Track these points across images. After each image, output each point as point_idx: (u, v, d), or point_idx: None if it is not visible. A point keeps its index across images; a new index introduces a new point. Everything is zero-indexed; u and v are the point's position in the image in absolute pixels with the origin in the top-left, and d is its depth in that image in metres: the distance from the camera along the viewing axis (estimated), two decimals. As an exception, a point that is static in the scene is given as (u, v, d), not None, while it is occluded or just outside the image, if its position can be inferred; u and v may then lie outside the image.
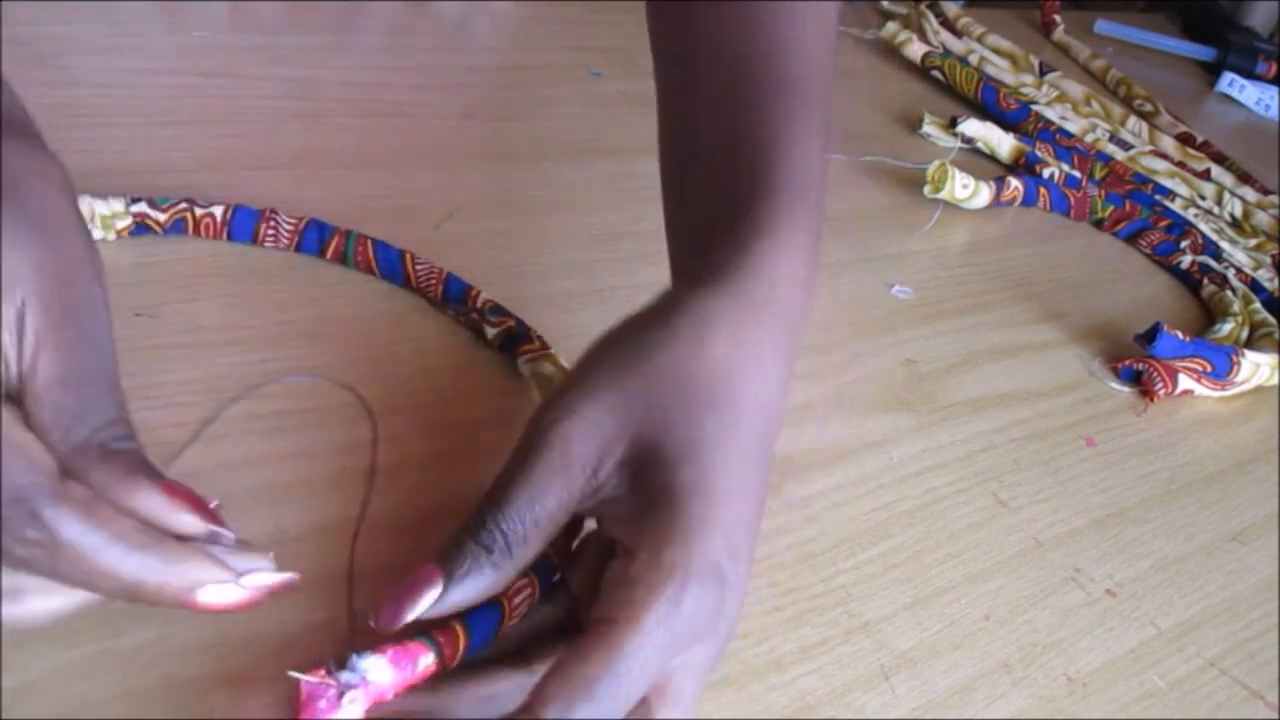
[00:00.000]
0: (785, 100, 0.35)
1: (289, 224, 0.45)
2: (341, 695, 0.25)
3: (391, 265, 0.45)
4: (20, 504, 0.23)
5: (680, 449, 0.28)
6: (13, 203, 0.26)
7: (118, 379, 0.27)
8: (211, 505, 0.27)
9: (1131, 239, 0.71)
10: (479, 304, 0.44)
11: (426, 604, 0.27)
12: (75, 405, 0.26)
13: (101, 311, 0.27)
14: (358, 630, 0.31)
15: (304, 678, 0.25)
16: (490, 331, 0.43)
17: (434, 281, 0.45)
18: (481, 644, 0.29)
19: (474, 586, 0.28)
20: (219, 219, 0.44)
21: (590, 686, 0.25)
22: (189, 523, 0.26)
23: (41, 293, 0.26)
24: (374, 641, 0.27)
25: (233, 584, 0.26)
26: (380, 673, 0.26)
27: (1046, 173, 0.73)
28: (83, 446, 0.26)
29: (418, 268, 0.45)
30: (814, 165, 0.35)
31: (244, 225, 0.45)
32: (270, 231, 0.45)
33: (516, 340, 0.43)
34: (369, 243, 0.45)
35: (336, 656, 0.26)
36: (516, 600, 0.29)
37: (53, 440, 0.25)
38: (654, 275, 0.52)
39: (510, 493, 0.28)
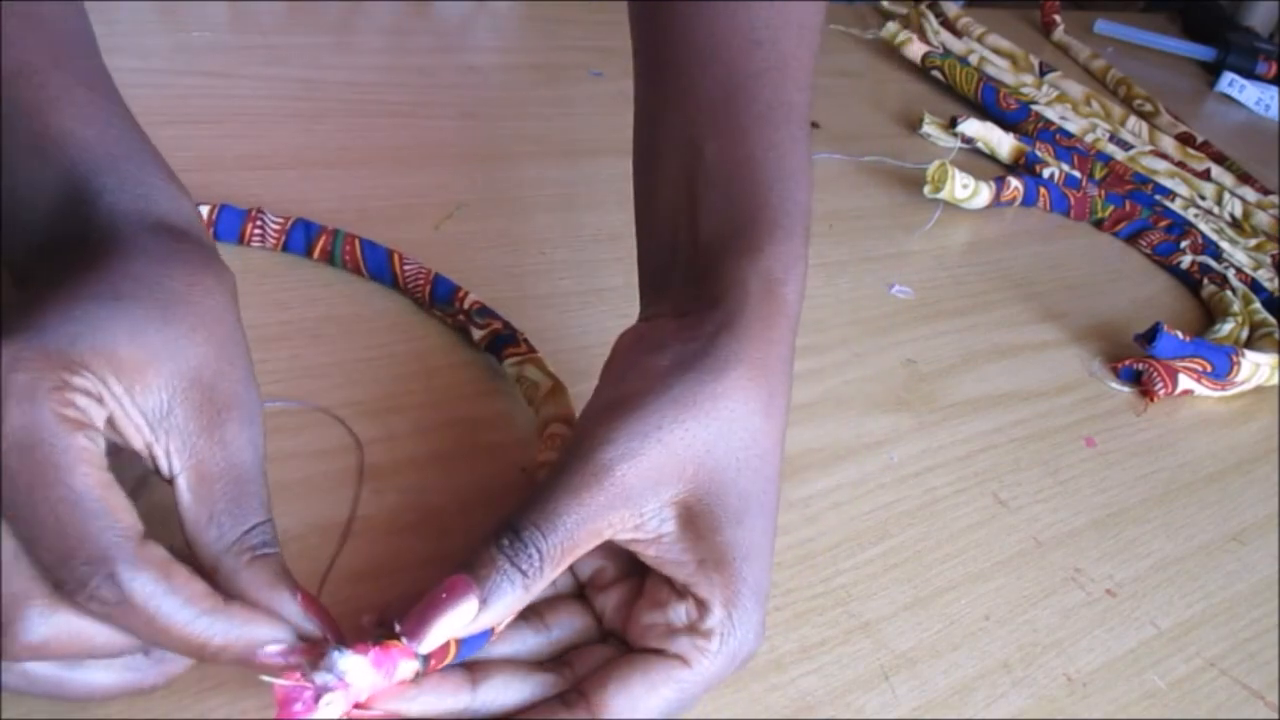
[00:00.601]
0: (783, 116, 0.35)
1: (275, 224, 0.45)
2: (318, 697, 0.25)
3: (379, 265, 0.45)
4: (100, 564, 0.24)
5: (737, 508, 0.30)
6: (182, 303, 0.27)
7: (266, 481, 0.28)
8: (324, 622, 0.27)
9: (1131, 239, 0.71)
10: (466, 305, 0.44)
11: (462, 624, 0.27)
12: (229, 503, 0.27)
13: (258, 415, 0.28)
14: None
15: (278, 681, 0.25)
16: (476, 334, 0.43)
17: (422, 282, 0.45)
18: (467, 657, 0.28)
19: (504, 608, 0.27)
20: (204, 218, 0.44)
21: (651, 714, 0.28)
22: (312, 632, 0.27)
23: (200, 385, 0.27)
24: (356, 638, 0.27)
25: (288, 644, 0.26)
26: (360, 675, 0.26)
27: (1046, 173, 0.73)
28: (235, 547, 0.26)
29: (406, 268, 0.45)
30: (807, 184, 0.35)
31: (230, 225, 0.45)
32: (257, 231, 0.45)
33: (503, 343, 0.42)
34: (356, 242, 0.45)
35: (316, 654, 0.26)
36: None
37: (208, 539, 0.26)
38: (654, 275, 0.52)
39: (554, 514, 0.28)
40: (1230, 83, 1.05)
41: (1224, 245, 0.71)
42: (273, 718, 0.25)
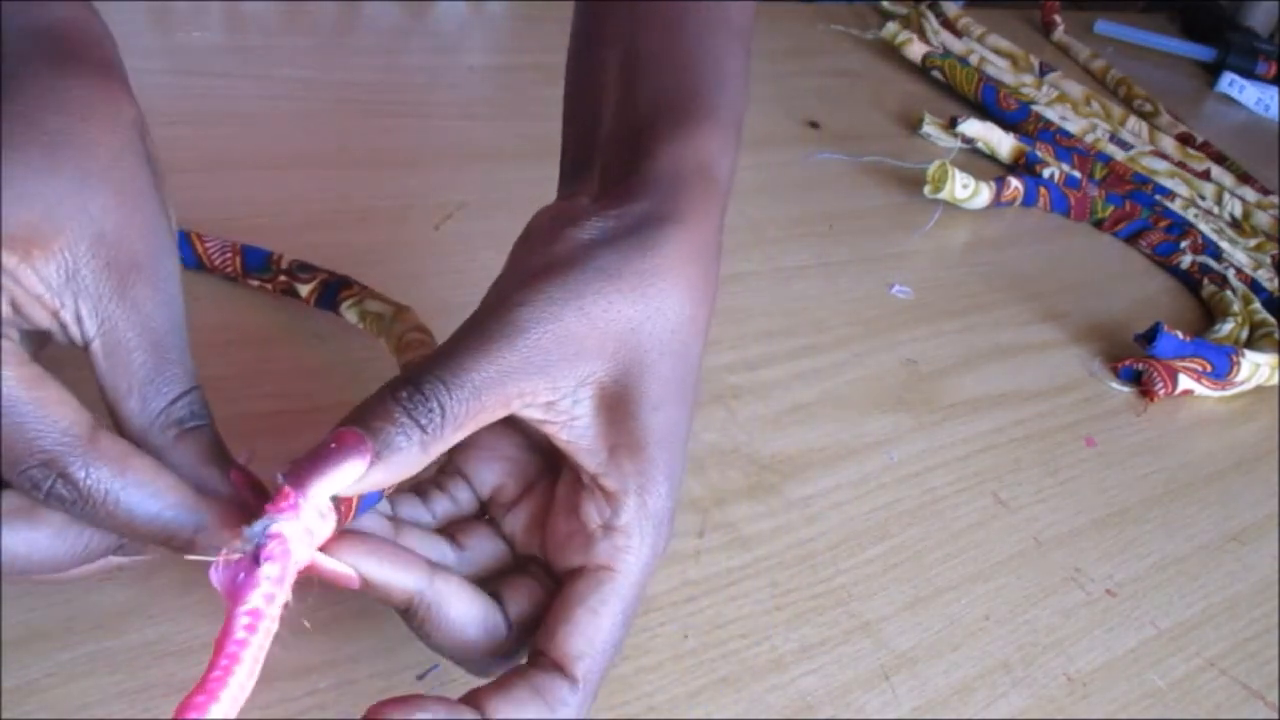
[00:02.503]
0: (724, 29, 0.34)
1: None
2: (256, 559, 0.23)
3: (182, 250, 0.42)
4: (50, 465, 0.23)
5: (658, 394, 0.28)
6: (74, 145, 0.24)
7: (187, 348, 0.26)
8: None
9: (1131, 239, 0.71)
10: (284, 265, 0.42)
11: (350, 478, 0.24)
12: (150, 372, 0.25)
13: (174, 271, 0.26)
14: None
15: (211, 572, 0.23)
16: (303, 289, 0.41)
17: (230, 255, 0.43)
18: (365, 511, 0.27)
19: (398, 466, 0.24)
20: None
21: (609, 637, 0.27)
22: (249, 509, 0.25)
23: (104, 242, 0.24)
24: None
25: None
26: (287, 527, 0.23)
27: (1046, 173, 0.73)
28: (160, 420, 0.25)
29: (207, 245, 0.43)
30: (743, 94, 0.34)
31: None
32: None
33: (334, 290, 0.40)
34: None
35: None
36: None
37: (129, 409, 0.25)
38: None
39: (462, 369, 0.25)
40: (1230, 83, 1.05)
41: (1224, 245, 0.71)
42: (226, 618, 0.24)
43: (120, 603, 0.30)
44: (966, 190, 0.66)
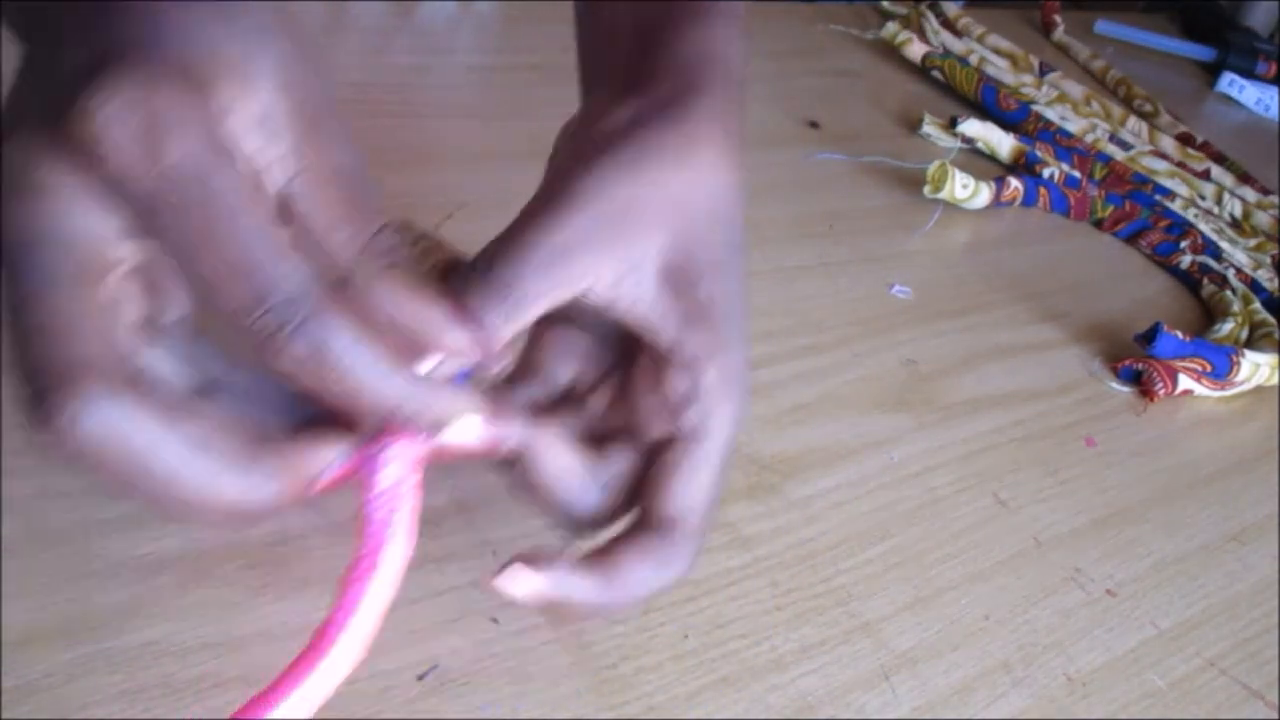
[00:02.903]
0: None
1: None
2: (384, 451, 0.24)
3: None
4: (292, 307, 0.22)
5: (717, 259, 0.29)
6: (245, 9, 0.24)
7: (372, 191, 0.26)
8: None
9: (1131, 239, 0.71)
10: None
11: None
12: (348, 209, 0.25)
13: (344, 119, 0.26)
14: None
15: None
16: None
17: None
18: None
19: (481, 346, 0.26)
20: None
21: (709, 494, 0.29)
22: (469, 346, 0.26)
23: (292, 88, 0.24)
24: None
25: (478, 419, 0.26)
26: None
27: (1046, 173, 0.73)
28: (365, 255, 0.25)
29: None
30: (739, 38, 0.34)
31: None
32: None
33: None
34: None
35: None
36: None
37: (336, 245, 0.25)
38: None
39: (535, 242, 0.27)
40: (1230, 83, 1.05)
41: (1224, 245, 0.71)
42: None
43: (120, 603, 0.30)
44: (966, 190, 0.66)
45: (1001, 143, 0.75)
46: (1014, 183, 0.69)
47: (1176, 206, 0.75)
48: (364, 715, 0.29)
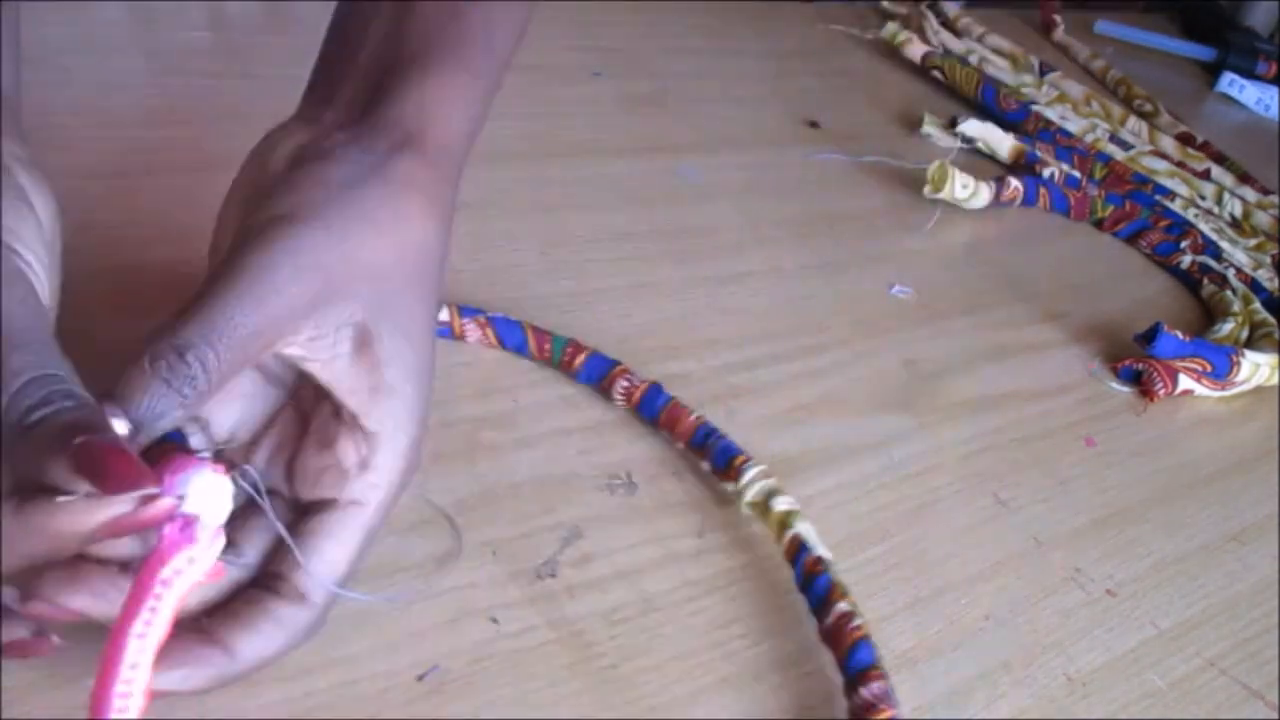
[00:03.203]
0: None
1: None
2: (186, 525, 0.23)
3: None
4: None
5: (408, 329, 0.29)
6: None
7: (44, 339, 0.24)
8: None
9: (1131, 239, 0.71)
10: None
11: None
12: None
13: (18, 268, 0.25)
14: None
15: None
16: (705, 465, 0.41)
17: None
18: None
19: (158, 432, 0.24)
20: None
21: (349, 566, 0.29)
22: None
23: None
24: None
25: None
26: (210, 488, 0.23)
27: (1046, 173, 0.73)
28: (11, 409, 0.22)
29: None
30: (512, 36, 0.35)
31: None
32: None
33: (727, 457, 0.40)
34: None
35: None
36: None
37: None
38: (654, 274, 0.52)
39: (228, 321, 0.25)
40: (1230, 83, 1.05)
41: (1224, 245, 0.71)
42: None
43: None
44: (966, 190, 0.66)
45: (1001, 143, 0.75)
46: (1014, 183, 0.69)
47: (1176, 206, 0.75)
48: (364, 715, 0.29)
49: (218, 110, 0.54)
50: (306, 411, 0.30)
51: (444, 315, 0.44)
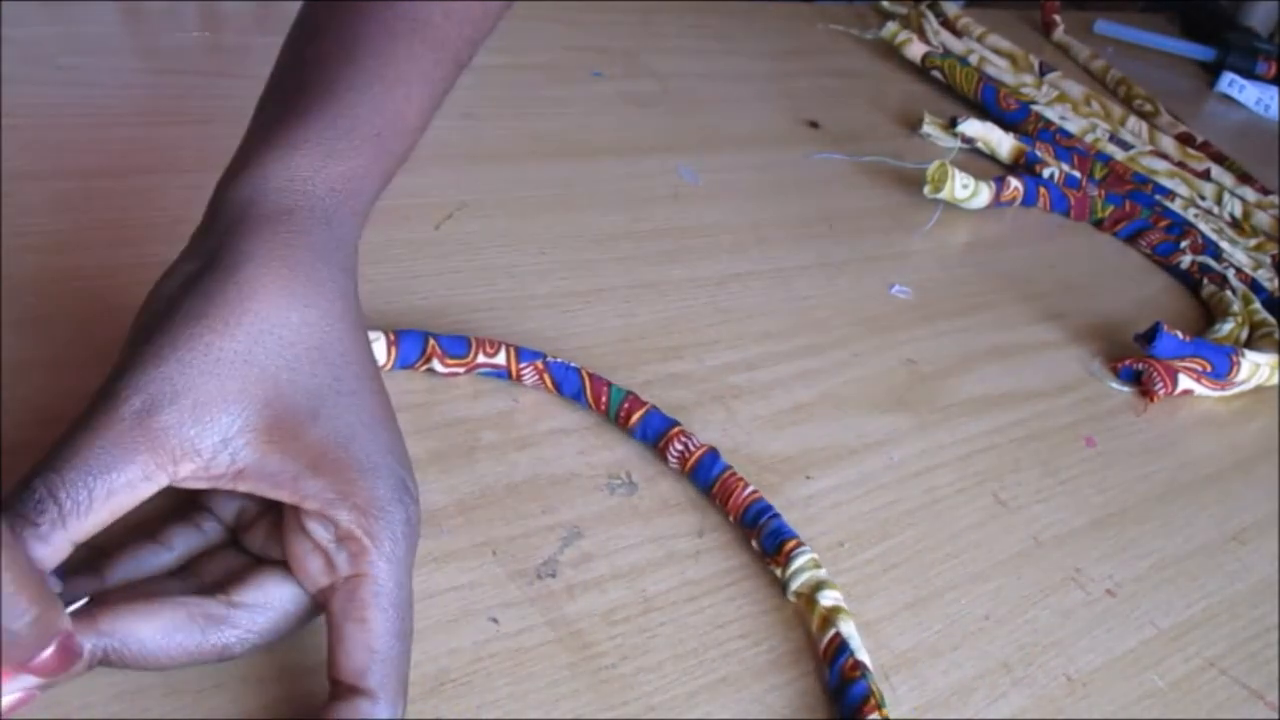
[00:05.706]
0: (412, 30, 0.34)
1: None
2: None
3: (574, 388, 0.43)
4: None
5: (309, 407, 0.27)
6: None
7: None
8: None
9: (1131, 239, 0.71)
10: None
11: None
12: None
13: None
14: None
15: None
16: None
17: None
18: None
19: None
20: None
21: (387, 640, 0.27)
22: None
23: None
24: None
25: None
26: None
27: (1046, 173, 0.73)
28: None
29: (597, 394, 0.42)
30: (415, 98, 0.34)
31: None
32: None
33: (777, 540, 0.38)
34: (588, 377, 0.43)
35: None
36: None
37: None
38: (654, 275, 0.52)
39: (75, 461, 0.25)
40: (1230, 83, 1.05)
41: (1224, 245, 0.71)
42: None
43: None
44: (966, 190, 0.66)
45: (1001, 143, 0.75)
46: (1014, 183, 0.69)
47: (1176, 206, 0.75)
48: (364, 715, 0.29)
49: (210, 111, 0.54)
50: None
51: (500, 359, 0.42)
